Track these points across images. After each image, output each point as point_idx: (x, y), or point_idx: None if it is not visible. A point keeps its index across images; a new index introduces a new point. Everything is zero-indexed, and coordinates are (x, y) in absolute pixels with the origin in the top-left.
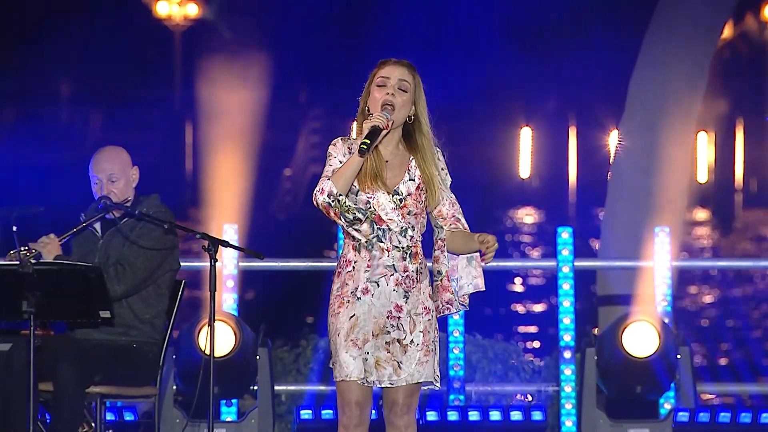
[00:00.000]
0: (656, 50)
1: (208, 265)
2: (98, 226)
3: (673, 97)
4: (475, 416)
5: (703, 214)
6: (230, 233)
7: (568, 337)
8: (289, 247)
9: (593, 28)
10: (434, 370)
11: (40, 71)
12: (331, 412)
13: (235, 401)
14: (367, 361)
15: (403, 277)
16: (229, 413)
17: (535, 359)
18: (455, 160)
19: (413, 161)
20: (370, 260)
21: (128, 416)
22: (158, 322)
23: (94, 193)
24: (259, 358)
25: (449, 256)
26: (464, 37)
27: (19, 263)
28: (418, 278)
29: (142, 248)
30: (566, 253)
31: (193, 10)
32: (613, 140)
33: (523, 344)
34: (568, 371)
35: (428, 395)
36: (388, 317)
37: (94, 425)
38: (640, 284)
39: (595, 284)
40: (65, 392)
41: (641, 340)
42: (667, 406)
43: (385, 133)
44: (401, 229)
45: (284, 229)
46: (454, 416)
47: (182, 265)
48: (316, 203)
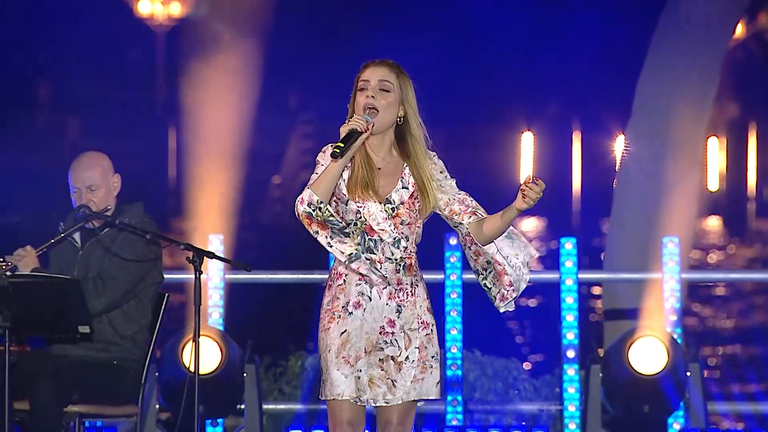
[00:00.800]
0: (664, 51)
1: (192, 277)
2: (77, 236)
3: (682, 100)
4: None
5: (714, 223)
6: (216, 244)
7: (571, 353)
8: (278, 258)
9: (598, 28)
10: (436, 385)
11: (14, 74)
12: None
13: (220, 421)
14: (360, 379)
15: (396, 290)
16: None
17: (536, 377)
18: (452, 166)
19: (407, 168)
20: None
21: None
22: (140, 337)
23: (73, 201)
24: (246, 375)
25: (486, 246)
26: (462, 37)
27: None
28: (412, 291)
29: (123, 260)
30: (570, 264)
31: (176, 9)
32: (619, 146)
33: (524, 361)
34: (571, 389)
35: (424, 414)
36: (381, 333)
37: None
38: (647, 297)
39: (600, 297)
40: (42, 411)
41: (649, 356)
42: (676, 426)
43: (365, 136)
44: (394, 239)
45: (273, 239)
46: None
47: (166, 277)
48: (297, 215)
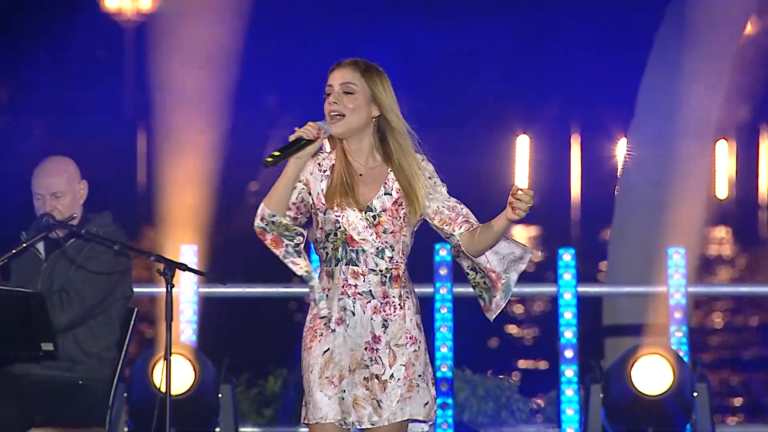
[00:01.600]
0: (669, 49)
1: (163, 291)
2: (41, 247)
3: (688, 101)
4: None
5: (722, 233)
6: (189, 255)
7: (570, 372)
8: (255, 270)
9: (599, 24)
10: (425, 405)
11: None
12: None
13: None
14: (344, 400)
15: (382, 303)
16: None
17: (532, 398)
18: (442, 172)
19: (391, 173)
20: (344, 286)
21: None
22: (107, 355)
23: (36, 209)
24: (221, 396)
25: (480, 258)
26: (453, 30)
27: None
28: (401, 304)
29: (90, 273)
30: (568, 277)
31: (146, 3)
32: (621, 150)
33: (518, 380)
34: (570, 411)
35: None
36: (365, 349)
37: None
38: (651, 312)
39: (601, 312)
40: None
41: (653, 375)
42: None
43: (315, 145)
44: (377, 249)
45: (250, 250)
46: None
47: (135, 291)
48: (256, 232)
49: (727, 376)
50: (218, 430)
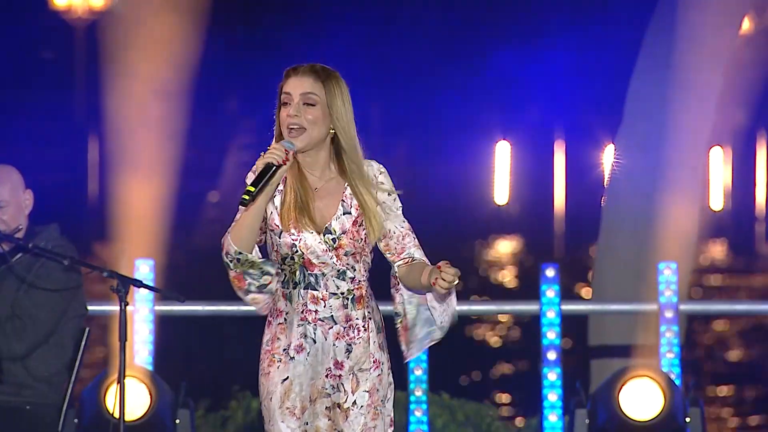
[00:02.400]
0: (659, 49)
1: (117, 309)
2: None
3: (680, 105)
4: None
5: (717, 246)
6: (144, 270)
7: (553, 396)
8: (216, 287)
9: (584, 23)
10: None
11: None
12: None
13: None
14: None
15: (345, 328)
16: None
17: (514, 422)
18: (414, 181)
19: (348, 189)
20: (303, 312)
21: None
22: (57, 379)
23: None
24: (179, 422)
25: (410, 293)
26: (426, 29)
27: None
28: (365, 326)
29: (44, 291)
30: (551, 294)
31: (98, 0)
32: (608, 158)
33: (499, 404)
34: None
35: None
36: (326, 376)
37: None
38: (640, 332)
39: (586, 332)
40: None
41: (642, 399)
42: None
43: (285, 169)
44: (338, 272)
45: (210, 265)
46: None
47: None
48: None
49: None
50: None
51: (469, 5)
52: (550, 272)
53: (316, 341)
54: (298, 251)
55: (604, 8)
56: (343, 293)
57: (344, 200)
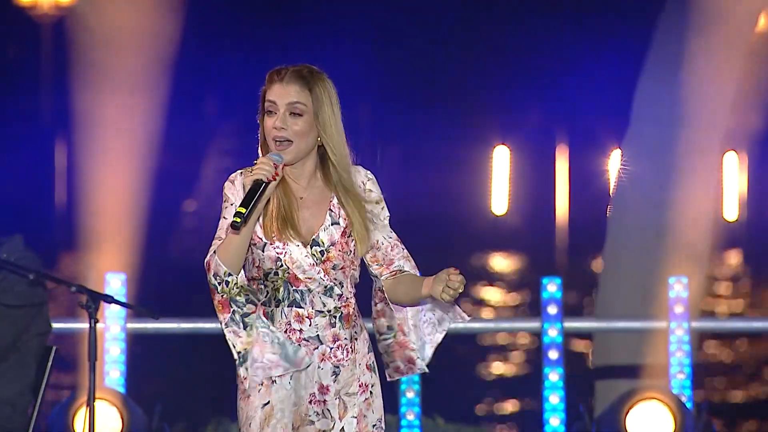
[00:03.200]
0: (670, 47)
1: (86, 326)
2: None
3: (692, 107)
4: None
5: (732, 259)
6: (115, 285)
7: (555, 420)
8: (192, 303)
9: (590, 19)
10: None
11: None
12: None
13: None
14: None
15: (332, 348)
16: None
17: None
18: (406, 189)
19: (335, 198)
20: (287, 331)
21: None
22: (21, 401)
23: None
24: None
25: (397, 307)
26: (420, 25)
27: None
28: (352, 347)
29: (5, 307)
30: (554, 311)
31: None
32: (614, 164)
33: (497, 428)
34: None
35: None
36: (311, 402)
37: None
38: (649, 351)
39: (591, 351)
40: None
41: (651, 423)
42: None
43: (274, 185)
44: (325, 288)
45: (186, 279)
46: None
47: (54, 327)
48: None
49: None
50: None
51: (467, 2)
52: (551, 287)
53: None
54: (282, 265)
55: (610, 4)
56: (329, 311)
57: (332, 210)
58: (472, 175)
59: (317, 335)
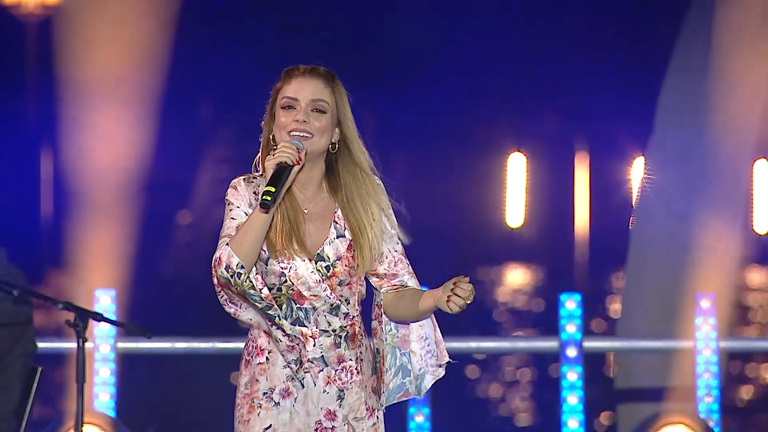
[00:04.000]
0: (696, 49)
1: (74, 346)
2: None
3: (719, 112)
4: None
5: (762, 275)
6: (105, 302)
7: None
8: (186, 321)
9: (611, 18)
10: None
11: None
12: None
13: None
14: None
15: (337, 371)
16: None
17: None
18: (411, 199)
19: (339, 210)
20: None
21: None
22: (5, 426)
23: None
24: None
25: (396, 326)
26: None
27: None
28: (358, 368)
29: None
30: (572, 329)
31: None
32: (637, 173)
33: None
34: None
35: None
36: (316, 429)
37: None
38: (674, 372)
39: (612, 372)
40: None
41: None
42: None
43: (297, 169)
44: (330, 306)
45: (179, 296)
46: None
47: (39, 346)
48: (214, 280)
49: None
50: None
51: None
52: (570, 304)
53: (304, 386)
54: (287, 281)
55: (632, 2)
56: (335, 330)
57: (336, 222)
58: (484, 184)
59: (321, 356)
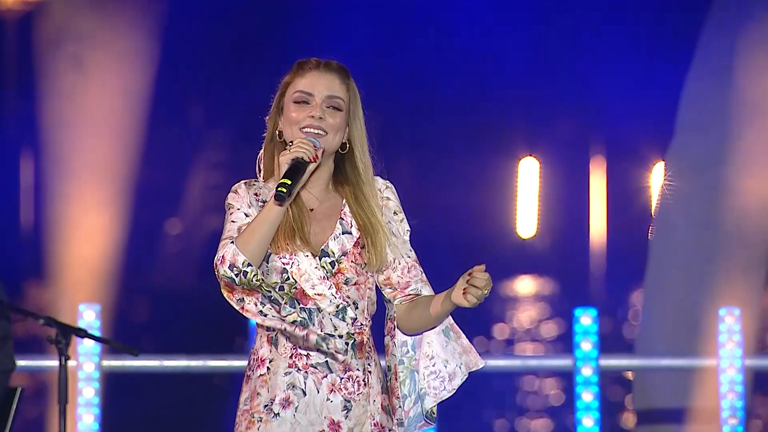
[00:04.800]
0: (719, 45)
1: (56, 364)
2: None
3: (746, 114)
4: None
5: None
6: (89, 317)
7: None
8: (177, 338)
9: (628, 17)
10: None
11: None
12: None
13: None
14: None
15: (342, 379)
16: None
17: None
18: (417, 207)
19: (347, 206)
20: (292, 357)
21: None
22: None
23: None
24: None
25: (413, 346)
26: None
27: None
28: (365, 380)
29: None
30: (588, 347)
31: None
32: (657, 179)
33: None
34: None
35: None
36: None
37: None
38: (696, 392)
39: (630, 392)
40: None
41: None
42: None
43: (312, 167)
44: (337, 308)
45: (170, 311)
46: None
47: (18, 364)
48: (219, 280)
49: None
50: None
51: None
52: (586, 319)
53: (306, 393)
54: (289, 278)
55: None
56: (341, 336)
57: (343, 218)
58: (494, 191)
59: (326, 362)
